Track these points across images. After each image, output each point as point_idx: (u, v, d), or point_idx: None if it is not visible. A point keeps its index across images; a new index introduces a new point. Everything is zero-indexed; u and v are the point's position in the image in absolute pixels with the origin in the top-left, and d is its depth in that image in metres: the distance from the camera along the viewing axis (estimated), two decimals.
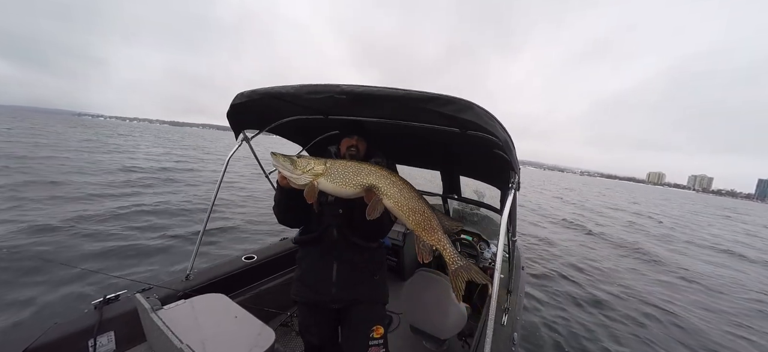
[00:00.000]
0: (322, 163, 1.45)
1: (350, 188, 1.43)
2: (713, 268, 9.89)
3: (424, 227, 1.38)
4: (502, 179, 2.43)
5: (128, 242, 6.17)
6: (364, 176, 1.43)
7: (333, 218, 1.78)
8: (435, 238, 1.37)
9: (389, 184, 1.41)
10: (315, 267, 1.81)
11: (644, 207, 32.27)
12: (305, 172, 1.43)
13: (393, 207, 1.40)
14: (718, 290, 7.64)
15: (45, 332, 1.76)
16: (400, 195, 1.40)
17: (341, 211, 1.77)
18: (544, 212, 17.74)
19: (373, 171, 1.44)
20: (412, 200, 1.39)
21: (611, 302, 5.98)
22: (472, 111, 1.35)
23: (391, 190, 1.40)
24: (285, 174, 1.46)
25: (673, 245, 13.01)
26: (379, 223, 1.56)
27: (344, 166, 1.46)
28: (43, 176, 10.98)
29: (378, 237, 1.86)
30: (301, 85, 1.54)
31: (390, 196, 1.40)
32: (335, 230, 1.77)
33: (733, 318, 6.05)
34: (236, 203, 10.50)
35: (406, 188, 1.41)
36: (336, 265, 1.78)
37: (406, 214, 1.39)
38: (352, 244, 1.77)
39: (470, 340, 2.97)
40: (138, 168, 15.57)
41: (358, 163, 1.47)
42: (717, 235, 18.19)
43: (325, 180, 1.44)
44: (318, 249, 1.81)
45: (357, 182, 1.43)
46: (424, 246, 1.38)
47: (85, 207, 8.00)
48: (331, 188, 1.44)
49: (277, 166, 1.47)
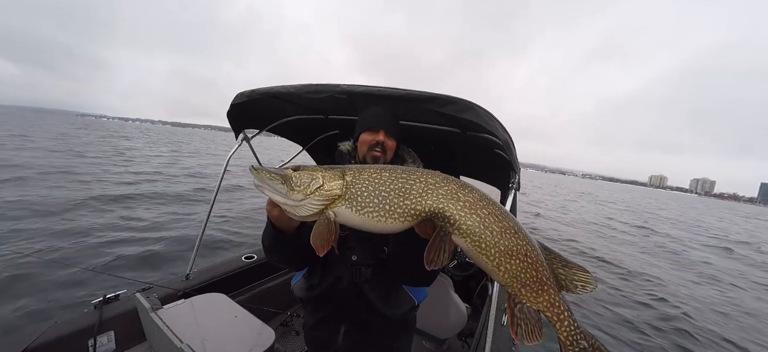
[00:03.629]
0: (337, 177, 0.88)
1: (393, 218, 0.85)
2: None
3: (527, 280, 0.80)
4: (503, 179, 2.43)
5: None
6: (415, 194, 0.85)
7: (343, 267, 1.24)
8: (545, 300, 0.80)
9: (464, 208, 0.83)
10: (317, 326, 1.36)
11: (706, 221, 29.16)
12: (309, 194, 0.85)
13: (472, 249, 0.82)
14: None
15: (45, 332, 1.76)
16: (483, 226, 0.81)
17: (355, 257, 1.23)
18: (629, 238, 13.78)
19: (430, 185, 0.86)
20: (506, 234, 0.81)
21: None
22: (472, 111, 1.35)
23: (468, 219, 0.82)
24: (277, 200, 0.88)
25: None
26: (427, 276, 1.14)
27: (378, 179, 0.87)
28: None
29: (423, 285, 1.32)
30: (301, 84, 1.54)
31: (466, 230, 0.82)
32: (346, 283, 1.25)
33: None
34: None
35: (491, 211, 0.83)
36: (343, 328, 1.30)
37: (496, 260, 0.81)
38: (369, 305, 1.26)
39: (470, 340, 2.96)
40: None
41: (402, 172, 0.89)
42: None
43: (347, 208, 0.86)
44: (321, 306, 1.34)
45: (405, 208, 0.84)
46: (528, 315, 0.81)
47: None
48: (358, 220, 0.86)
49: (263, 190, 0.88)
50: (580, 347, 0.80)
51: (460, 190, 0.85)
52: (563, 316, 0.80)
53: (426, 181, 0.86)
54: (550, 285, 0.81)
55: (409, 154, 1.43)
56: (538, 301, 0.80)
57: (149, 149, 29.26)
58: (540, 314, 0.81)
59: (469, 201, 0.83)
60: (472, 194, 0.85)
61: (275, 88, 1.66)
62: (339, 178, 0.87)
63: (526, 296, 0.81)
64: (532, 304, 0.81)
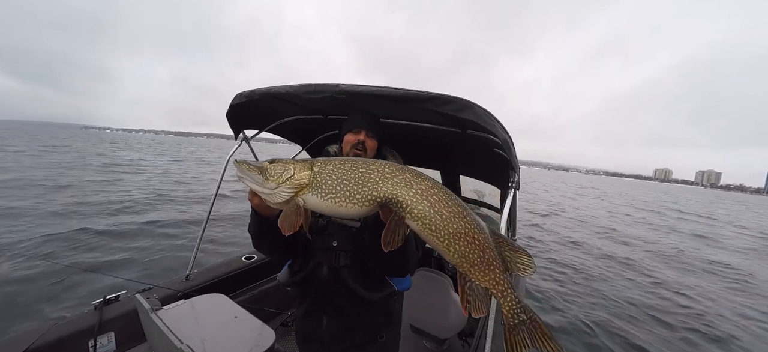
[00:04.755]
0: (306, 168, 0.98)
1: (353, 203, 0.95)
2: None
3: (475, 261, 0.89)
4: (502, 178, 2.43)
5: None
6: (373, 182, 0.95)
7: (323, 253, 1.32)
8: (491, 278, 0.89)
9: (416, 194, 0.92)
10: (302, 318, 1.42)
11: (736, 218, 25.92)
12: (281, 183, 0.96)
13: (423, 231, 0.92)
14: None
15: (45, 333, 1.76)
16: (433, 211, 0.90)
17: (335, 243, 1.31)
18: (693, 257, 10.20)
19: (386, 174, 0.95)
20: (455, 218, 0.90)
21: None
22: (471, 110, 1.35)
23: (419, 203, 0.91)
24: (255, 189, 0.99)
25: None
26: (399, 257, 1.16)
27: (341, 168, 0.98)
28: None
29: (398, 275, 1.37)
30: (300, 84, 1.54)
31: (417, 213, 0.91)
32: (325, 269, 1.32)
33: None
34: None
35: (441, 198, 0.92)
36: (325, 319, 1.35)
37: (445, 241, 0.90)
38: (349, 290, 1.31)
39: (470, 340, 2.97)
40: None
41: (362, 163, 0.99)
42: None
43: (314, 194, 0.96)
44: (305, 294, 1.40)
45: (363, 194, 0.94)
46: (476, 291, 0.90)
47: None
48: (323, 206, 0.96)
49: (243, 180, 1.00)
50: (520, 318, 0.90)
51: (414, 178, 0.94)
52: (507, 293, 0.90)
53: (383, 170, 0.96)
54: (495, 265, 0.90)
55: (391, 154, 1.52)
56: (485, 279, 0.90)
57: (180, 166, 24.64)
58: (488, 290, 0.90)
59: (421, 188, 0.93)
60: (424, 182, 0.94)
61: (274, 88, 1.66)
62: (307, 169, 0.98)
63: (475, 275, 0.90)
64: (480, 282, 0.90)
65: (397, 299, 1.48)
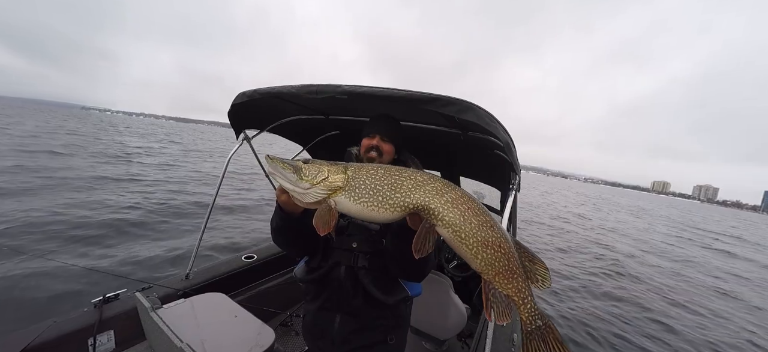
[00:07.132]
0: (341, 171, 1.01)
1: (384, 209, 0.97)
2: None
3: (500, 269, 0.92)
4: (503, 180, 2.43)
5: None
6: (405, 190, 0.98)
7: (341, 253, 1.35)
8: (514, 286, 0.92)
9: (447, 203, 0.95)
10: (315, 314, 1.43)
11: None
12: (315, 184, 0.99)
13: (453, 238, 0.94)
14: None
15: (44, 331, 1.76)
16: (464, 220, 0.93)
17: (355, 244, 1.34)
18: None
19: (419, 182, 0.98)
20: (483, 227, 0.93)
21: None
22: (473, 112, 1.35)
23: (450, 213, 0.94)
24: (286, 187, 1.01)
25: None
26: (422, 262, 1.17)
27: (375, 174, 1.00)
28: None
29: (417, 280, 1.40)
30: (302, 84, 1.54)
31: (448, 222, 0.94)
32: (343, 269, 1.34)
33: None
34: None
35: (471, 207, 0.95)
36: (338, 317, 1.36)
37: (474, 249, 0.93)
38: (364, 292, 1.33)
39: (470, 340, 2.96)
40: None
41: (396, 170, 1.02)
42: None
43: (346, 197, 0.99)
44: (320, 292, 1.42)
45: (396, 201, 0.97)
46: (499, 298, 0.93)
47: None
48: (355, 209, 0.99)
49: (275, 176, 1.01)
50: (536, 324, 0.93)
51: (445, 188, 0.98)
52: (527, 301, 0.93)
53: (415, 179, 0.99)
54: (518, 274, 0.93)
55: (412, 161, 1.51)
56: (508, 287, 0.93)
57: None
58: (510, 298, 0.93)
59: (452, 197, 0.96)
60: (455, 192, 0.97)
61: (276, 88, 1.66)
62: (342, 172, 1.01)
63: (499, 283, 0.93)
64: (503, 289, 0.93)
65: (408, 304, 1.50)
